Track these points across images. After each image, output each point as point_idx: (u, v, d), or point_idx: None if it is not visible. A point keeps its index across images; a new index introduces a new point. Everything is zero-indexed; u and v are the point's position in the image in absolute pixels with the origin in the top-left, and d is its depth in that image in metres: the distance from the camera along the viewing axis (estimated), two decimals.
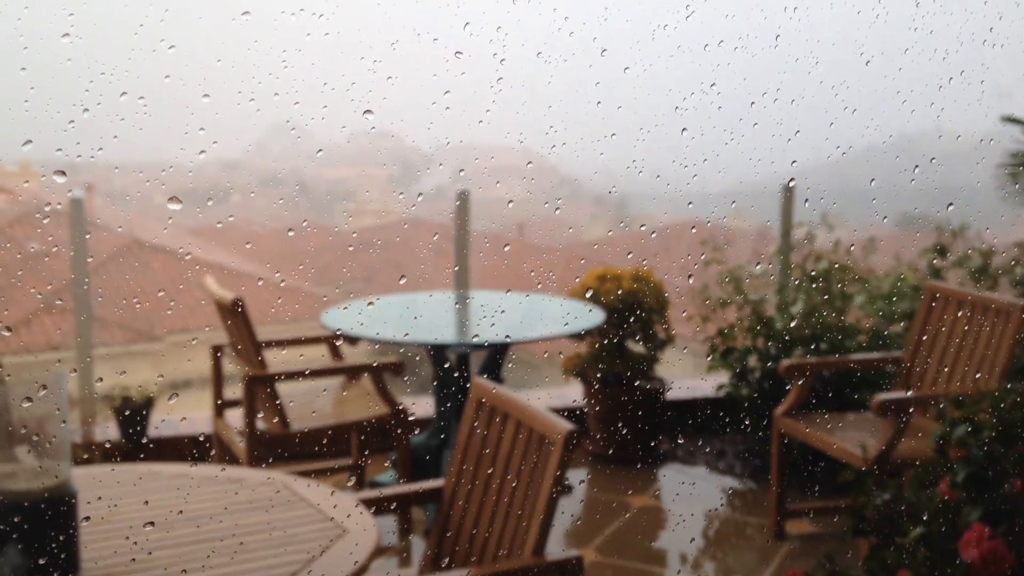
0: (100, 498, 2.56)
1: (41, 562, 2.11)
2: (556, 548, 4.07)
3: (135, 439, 4.79)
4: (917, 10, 2.57)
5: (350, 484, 4.57)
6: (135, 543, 2.34)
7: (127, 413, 4.75)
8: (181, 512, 2.52)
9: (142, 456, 4.77)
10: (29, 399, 2.14)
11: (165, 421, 5.06)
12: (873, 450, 3.74)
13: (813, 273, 5.11)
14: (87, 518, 2.31)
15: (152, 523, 2.42)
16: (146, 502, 2.57)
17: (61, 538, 2.13)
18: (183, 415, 5.20)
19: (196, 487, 2.68)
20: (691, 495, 4.87)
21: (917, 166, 3.12)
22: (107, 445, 4.78)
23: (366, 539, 2.37)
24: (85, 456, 4.59)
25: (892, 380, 4.52)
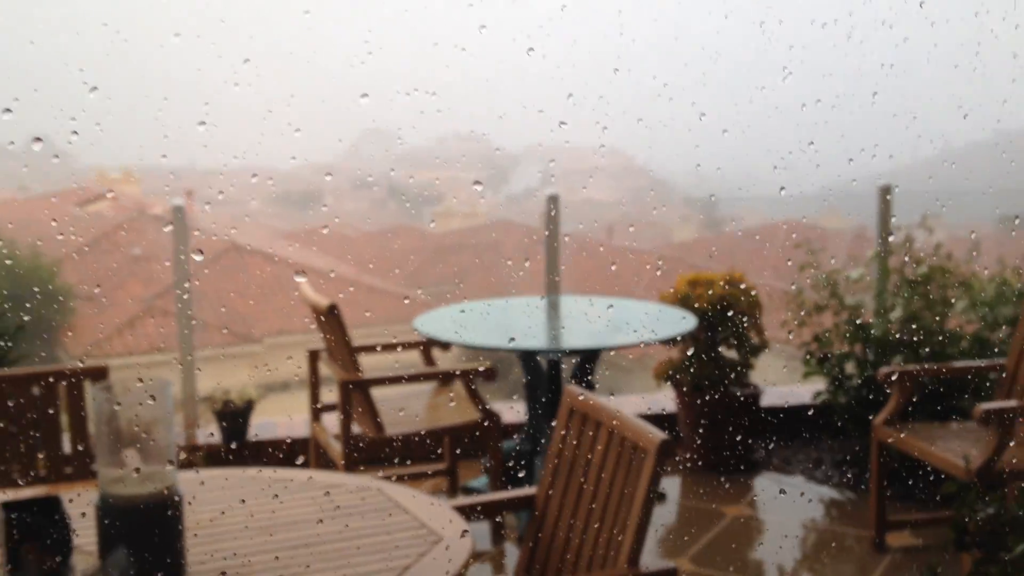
0: (204, 502, 2.63)
1: (148, 565, 2.17)
2: (650, 558, 4.05)
3: (235, 442, 4.90)
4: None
5: (447, 494, 4.61)
6: (238, 547, 2.40)
7: (228, 416, 4.86)
8: (280, 516, 2.58)
9: (242, 459, 4.88)
10: (139, 404, 2.20)
11: (263, 424, 5.17)
12: (976, 461, 3.64)
13: (913, 277, 4.99)
14: (194, 531, 2.37)
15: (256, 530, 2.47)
16: (245, 504, 2.63)
17: (167, 542, 2.19)
18: (281, 418, 5.31)
19: (295, 491, 2.73)
20: (787, 504, 4.79)
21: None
22: (208, 448, 4.90)
23: (461, 546, 2.39)
24: (187, 459, 4.72)
25: (995, 388, 4.39)
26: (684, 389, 5.15)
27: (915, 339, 4.85)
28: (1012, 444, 3.70)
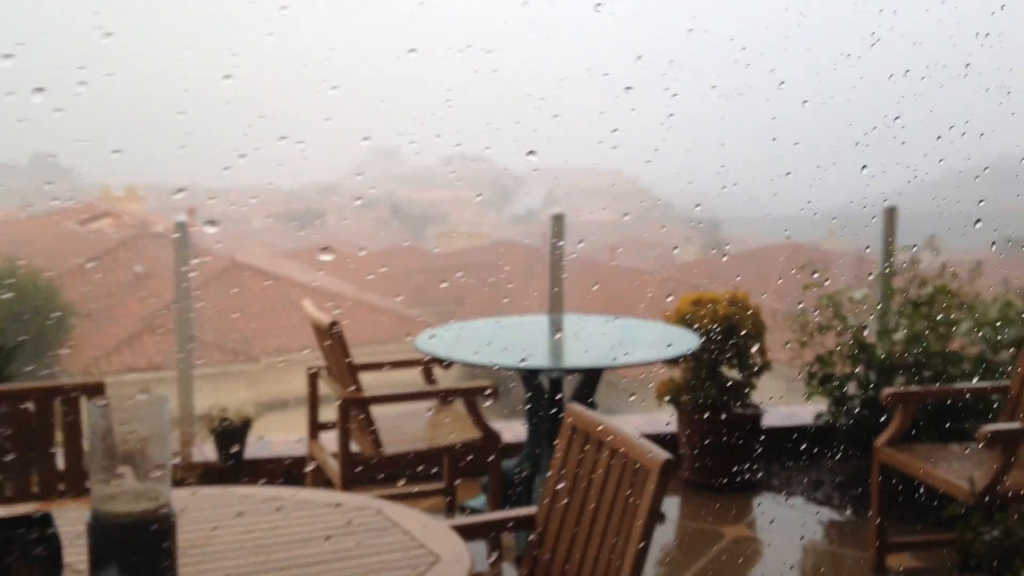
0: (196, 520, 2.60)
1: None
2: None
3: (231, 460, 4.86)
4: None
5: (445, 514, 4.57)
6: (232, 567, 2.36)
7: (224, 434, 4.83)
8: (277, 535, 2.54)
9: (238, 477, 4.84)
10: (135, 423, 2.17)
11: (259, 443, 5.13)
12: (980, 483, 3.60)
13: (916, 298, 4.96)
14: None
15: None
16: (241, 521, 2.60)
17: (160, 561, 2.15)
18: (278, 437, 5.28)
19: (292, 510, 2.70)
20: (787, 525, 4.75)
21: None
22: (204, 466, 4.87)
23: (459, 567, 2.36)
24: (182, 477, 4.68)
25: (999, 410, 4.36)
26: (686, 409, 5.12)
27: (918, 360, 4.82)
28: (1015, 466, 3.67)
